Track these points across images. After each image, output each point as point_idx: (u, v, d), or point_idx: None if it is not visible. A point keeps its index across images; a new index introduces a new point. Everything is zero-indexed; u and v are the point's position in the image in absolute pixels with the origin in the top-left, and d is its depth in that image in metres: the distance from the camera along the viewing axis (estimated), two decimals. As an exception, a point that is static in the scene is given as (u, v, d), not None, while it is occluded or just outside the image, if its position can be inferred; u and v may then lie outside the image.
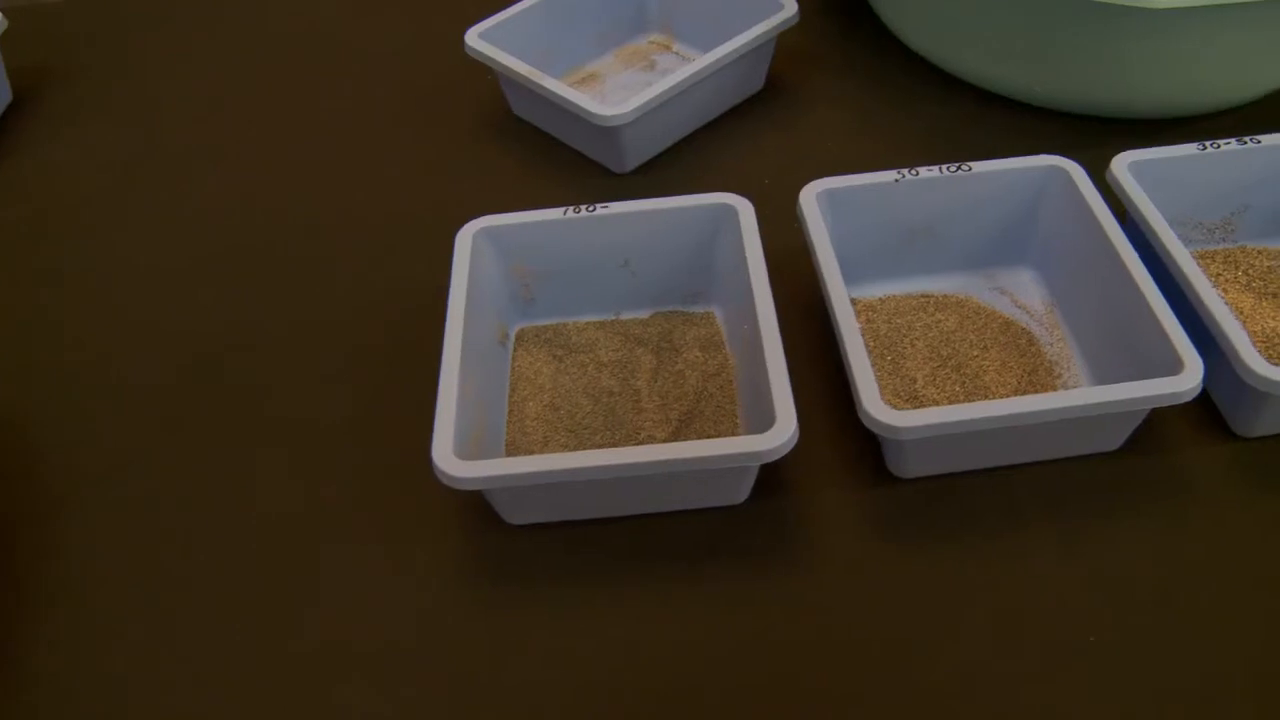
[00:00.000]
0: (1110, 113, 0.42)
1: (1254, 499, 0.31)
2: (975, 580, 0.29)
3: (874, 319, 0.35)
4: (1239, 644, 0.27)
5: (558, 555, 0.30)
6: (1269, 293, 0.36)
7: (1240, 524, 0.30)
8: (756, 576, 0.29)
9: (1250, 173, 0.36)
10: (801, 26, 0.48)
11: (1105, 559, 0.29)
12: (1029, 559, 0.29)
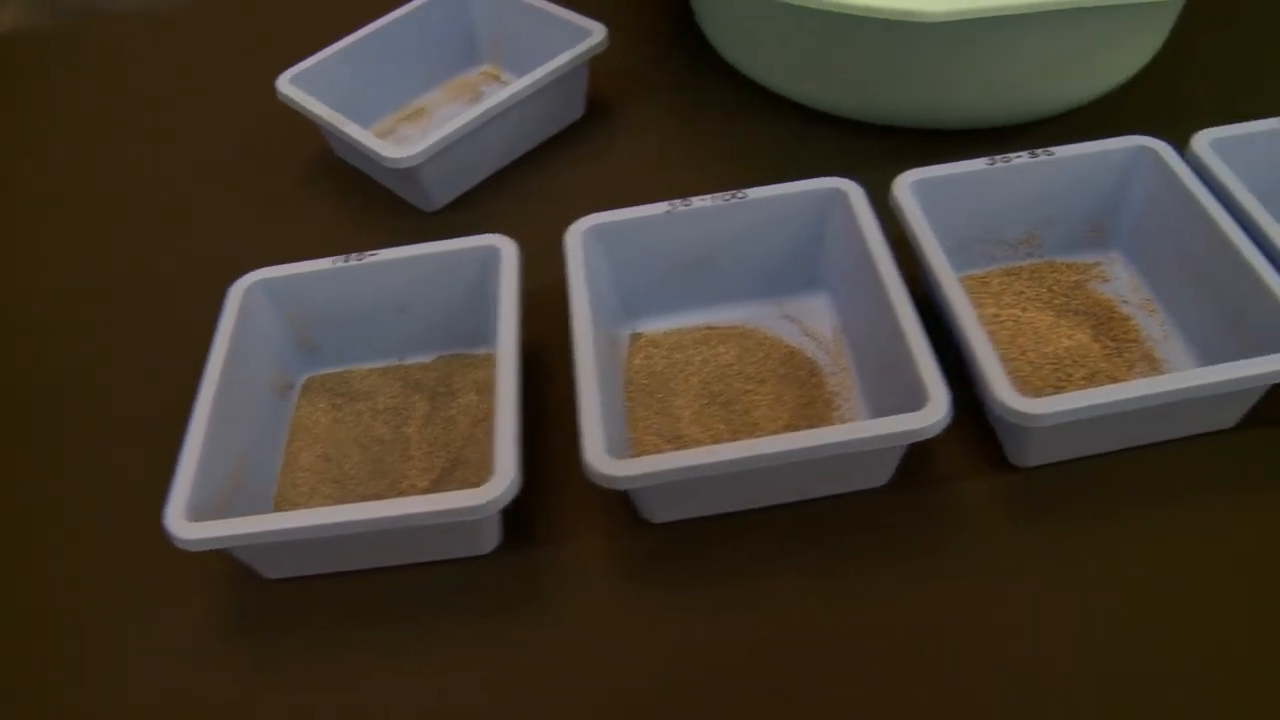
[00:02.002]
0: (929, 125, 0.42)
1: (1025, 530, 0.30)
2: (734, 625, 0.29)
3: (653, 355, 0.35)
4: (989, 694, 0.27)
5: (316, 608, 0.31)
6: (1070, 309, 0.35)
7: (1011, 555, 0.30)
8: (499, 629, 0.30)
9: (1047, 186, 0.35)
10: (629, 48, 0.48)
11: (869, 598, 0.29)
12: (785, 604, 0.29)
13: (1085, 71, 0.40)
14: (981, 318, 0.35)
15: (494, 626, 0.30)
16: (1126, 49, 0.40)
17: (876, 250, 0.32)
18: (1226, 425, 0.32)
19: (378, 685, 0.29)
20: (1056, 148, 0.35)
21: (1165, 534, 0.30)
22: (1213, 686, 0.27)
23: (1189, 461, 0.32)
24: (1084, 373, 0.33)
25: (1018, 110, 0.41)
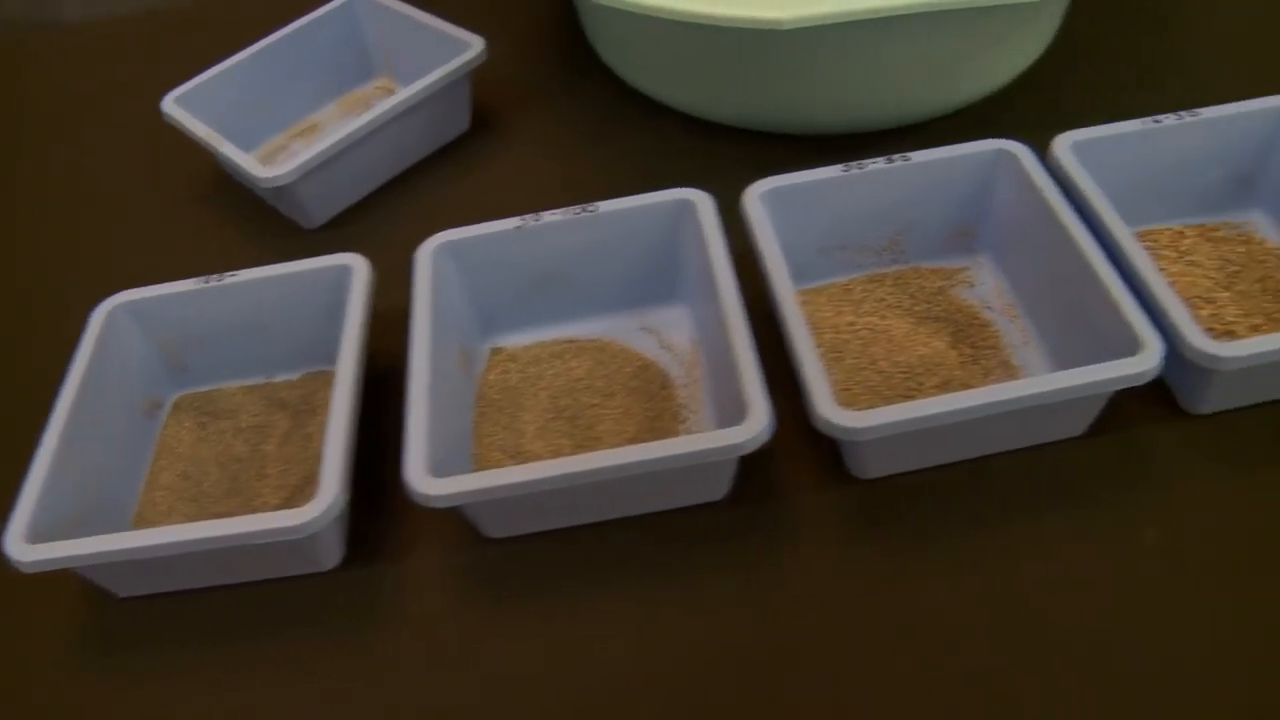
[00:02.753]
0: (809, 131, 0.42)
1: (862, 542, 0.30)
2: (570, 639, 0.29)
3: (509, 369, 0.35)
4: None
5: (165, 626, 0.32)
6: (931, 316, 0.35)
7: (848, 567, 0.30)
8: (338, 644, 0.30)
9: (906, 192, 0.35)
10: (518, 59, 0.49)
11: (706, 613, 0.29)
12: (622, 618, 0.30)
13: (965, 73, 0.40)
14: (837, 326, 0.35)
15: (333, 641, 0.31)
16: (1003, 51, 0.40)
17: (718, 262, 0.33)
18: (1075, 433, 0.32)
19: (221, 702, 0.30)
20: (914, 153, 0.35)
21: (1007, 545, 0.30)
22: (1062, 695, 0.27)
23: (1036, 471, 0.32)
24: (936, 381, 0.33)
25: (902, 113, 0.41)
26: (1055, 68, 0.45)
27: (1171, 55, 0.46)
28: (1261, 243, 0.37)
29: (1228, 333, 0.34)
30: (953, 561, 0.30)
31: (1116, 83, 0.45)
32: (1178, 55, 0.46)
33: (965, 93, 0.41)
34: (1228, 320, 0.35)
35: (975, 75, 0.40)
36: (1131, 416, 0.33)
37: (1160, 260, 0.36)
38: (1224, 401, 0.33)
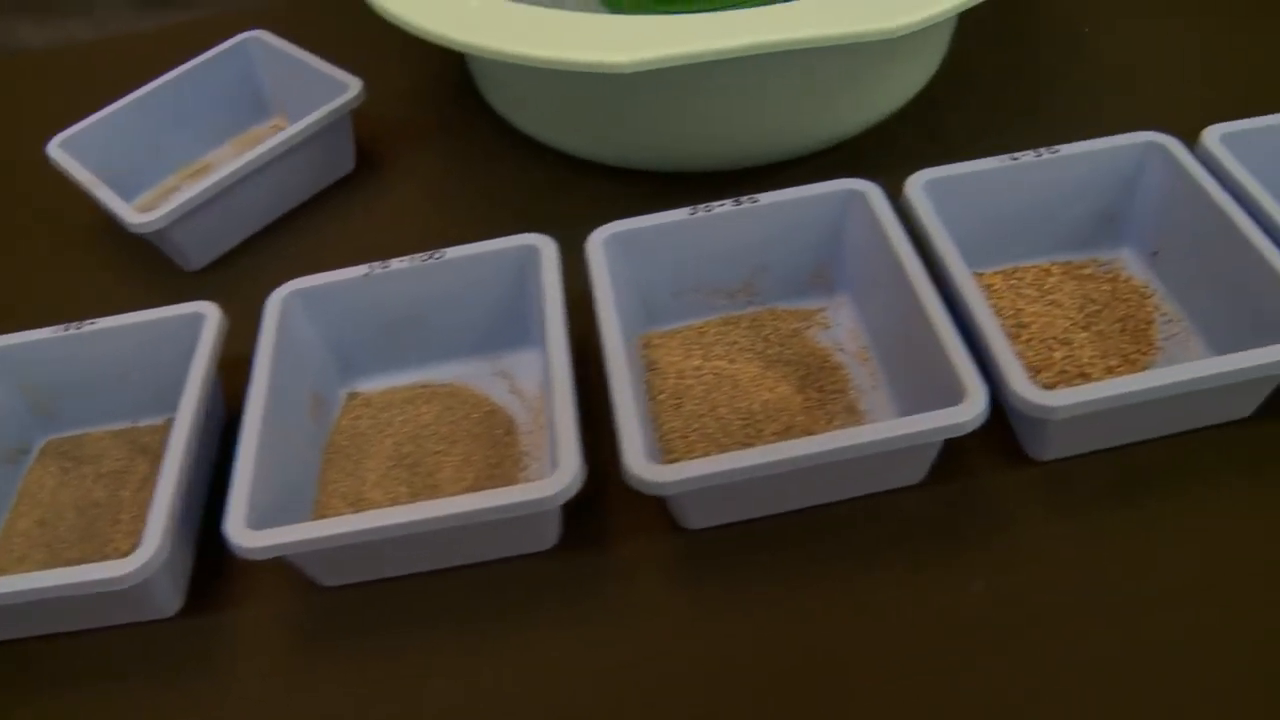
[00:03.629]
0: (685, 169, 0.42)
1: (686, 591, 0.30)
2: (390, 689, 0.30)
3: (362, 415, 0.36)
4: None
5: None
6: (782, 359, 0.35)
7: (673, 617, 0.30)
8: (176, 695, 0.31)
9: (757, 233, 0.36)
10: (405, 98, 0.50)
11: (531, 665, 0.30)
12: (448, 669, 0.30)
13: (836, 108, 0.40)
14: (683, 370, 0.35)
15: (166, 692, 0.31)
16: (876, 84, 0.40)
17: (550, 308, 0.33)
18: (913, 481, 0.32)
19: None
20: (763, 195, 0.36)
21: (833, 595, 0.30)
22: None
23: (872, 519, 0.32)
24: (777, 428, 0.33)
25: (780, 147, 0.41)
26: (946, 96, 0.45)
27: (1063, 86, 0.46)
28: (1128, 280, 0.37)
29: (1081, 375, 0.34)
30: (781, 611, 0.30)
31: (1006, 114, 0.45)
32: (1069, 86, 0.46)
33: (847, 125, 0.41)
34: (1083, 362, 0.35)
35: (849, 109, 0.41)
36: (976, 463, 0.33)
37: (1021, 300, 0.36)
38: (1066, 448, 0.32)
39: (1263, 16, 0.49)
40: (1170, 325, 0.36)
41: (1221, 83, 0.46)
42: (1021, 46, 0.49)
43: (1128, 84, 0.46)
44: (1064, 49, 0.49)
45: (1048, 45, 0.49)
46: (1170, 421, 0.33)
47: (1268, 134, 0.37)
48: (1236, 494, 0.32)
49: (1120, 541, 0.31)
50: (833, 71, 0.38)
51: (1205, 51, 0.48)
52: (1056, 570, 0.30)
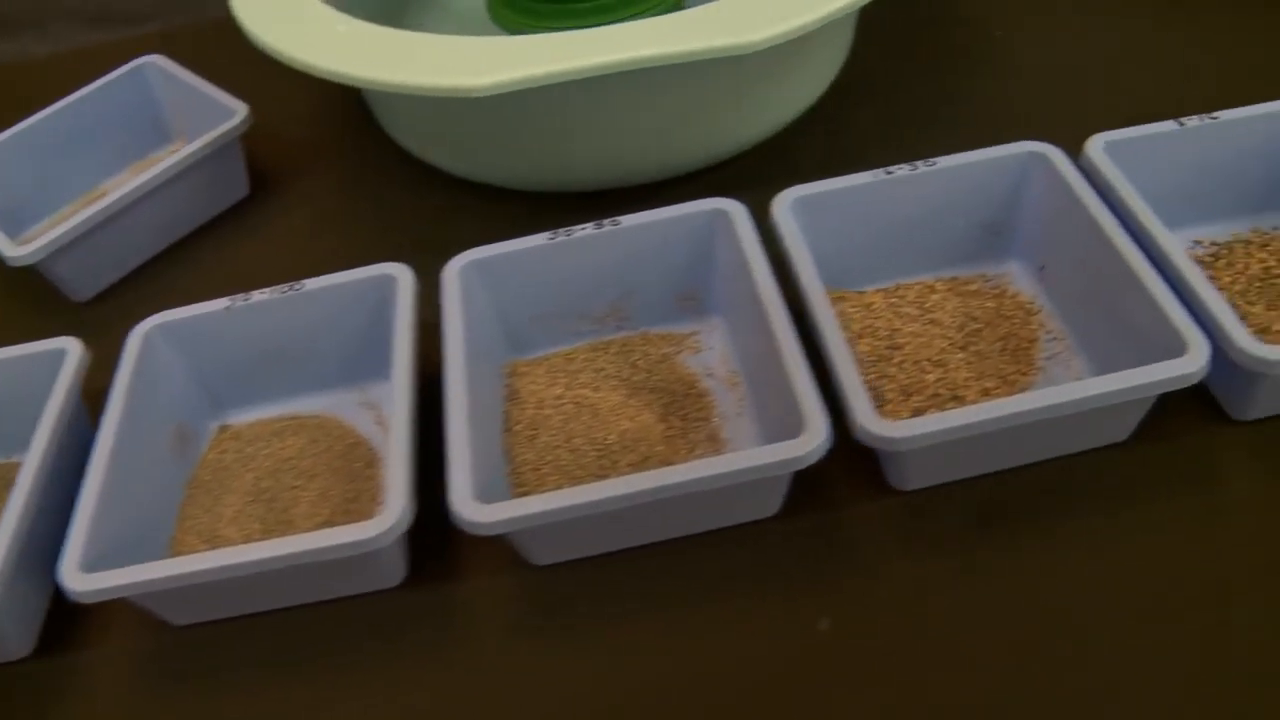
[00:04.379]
0: (585, 188, 0.42)
1: (533, 631, 0.30)
2: None
3: (229, 449, 0.36)
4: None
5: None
6: (648, 386, 0.35)
7: (518, 656, 0.30)
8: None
9: (622, 256, 0.35)
10: (303, 122, 0.49)
11: (374, 703, 0.30)
12: (293, 712, 0.30)
13: (729, 122, 0.40)
14: (543, 400, 0.35)
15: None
16: (756, 98, 0.40)
17: (400, 339, 0.33)
18: (768, 514, 0.31)
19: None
20: (625, 217, 0.35)
21: (682, 628, 0.30)
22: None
23: (722, 552, 0.31)
24: (634, 459, 0.33)
25: (670, 163, 0.41)
26: (848, 106, 0.44)
27: (970, 94, 0.45)
28: (1014, 296, 0.36)
29: (955, 399, 0.33)
30: (622, 650, 0.30)
31: (911, 124, 0.44)
32: (977, 94, 0.45)
33: (734, 140, 0.41)
34: (957, 385, 0.34)
35: (732, 125, 0.40)
36: (839, 494, 0.32)
37: (899, 319, 0.36)
38: (929, 478, 0.31)
39: (1182, 20, 0.48)
40: (1054, 344, 0.35)
41: (1138, 88, 0.44)
42: (929, 53, 0.48)
43: (1037, 90, 0.45)
44: (974, 55, 0.48)
45: (957, 51, 0.48)
46: (1042, 447, 0.32)
47: (1155, 142, 0.36)
48: (1111, 523, 0.31)
49: (984, 576, 0.30)
50: (706, 87, 0.38)
51: (1122, 55, 0.46)
52: (910, 608, 0.29)
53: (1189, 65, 0.45)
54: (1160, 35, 0.47)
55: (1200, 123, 0.36)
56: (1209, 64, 0.45)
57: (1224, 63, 0.45)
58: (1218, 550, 0.30)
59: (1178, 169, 0.37)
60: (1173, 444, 0.32)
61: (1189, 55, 0.46)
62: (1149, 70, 0.45)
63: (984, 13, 0.49)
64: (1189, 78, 0.45)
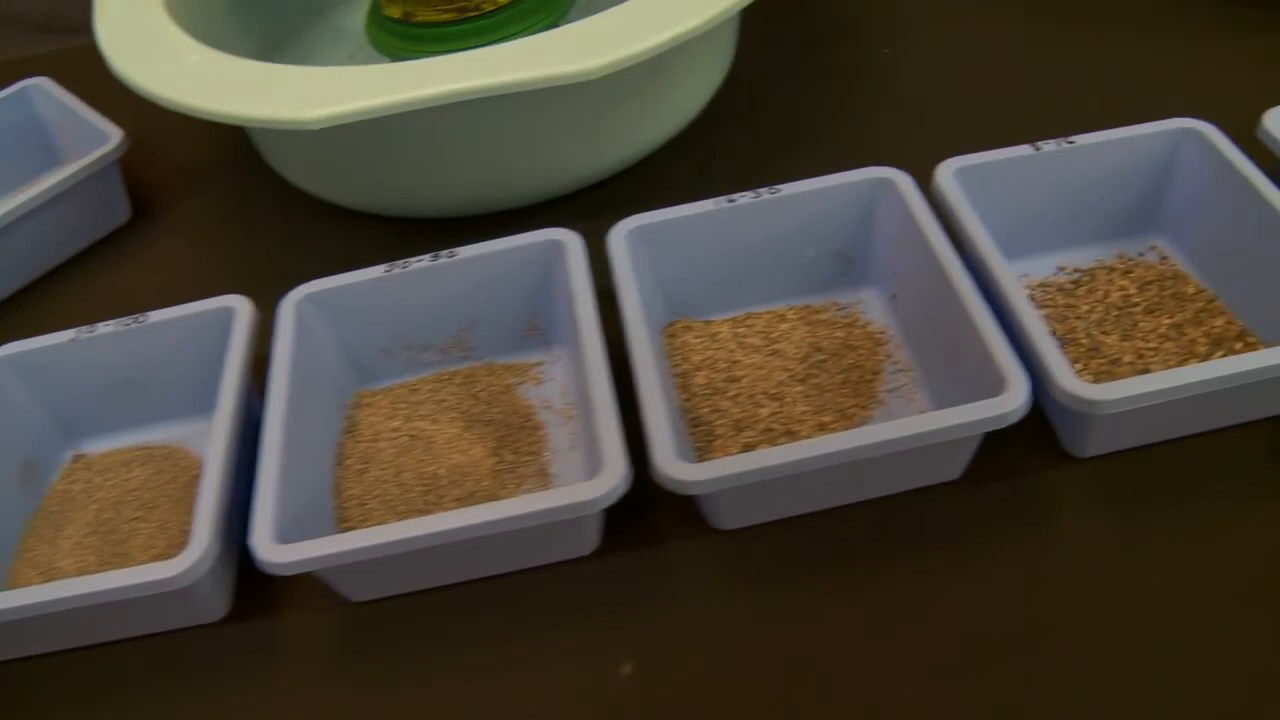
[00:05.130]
0: (452, 213, 0.42)
1: (348, 667, 0.30)
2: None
3: (78, 479, 0.37)
4: None
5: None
6: (486, 418, 0.35)
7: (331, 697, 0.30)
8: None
9: (463, 287, 0.36)
10: (192, 146, 0.50)
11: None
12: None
13: (586, 146, 0.40)
14: (379, 433, 0.35)
15: None
16: (616, 123, 0.40)
17: (230, 373, 0.33)
18: (583, 552, 0.32)
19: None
20: (463, 249, 0.35)
21: (489, 665, 0.30)
22: None
23: (539, 592, 0.31)
24: (460, 494, 0.33)
25: (542, 187, 0.41)
26: (725, 125, 0.44)
27: (854, 112, 0.45)
28: (865, 326, 0.36)
29: (788, 434, 0.33)
30: (429, 690, 0.30)
31: (790, 144, 0.44)
32: (862, 112, 0.45)
33: (598, 163, 0.41)
34: (792, 419, 0.33)
35: (589, 149, 0.40)
36: (667, 530, 0.32)
37: (742, 350, 0.35)
38: (747, 518, 0.31)
39: (1082, 34, 0.47)
40: (899, 375, 0.35)
41: (1025, 107, 0.44)
42: (816, 71, 0.48)
43: (922, 111, 0.45)
44: (863, 73, 0.47)
45: (845, 69, 0.47)
46: (867, 486, 0.32)
47: (1008, 167, 0.35)
48: (934, 561, 0.30)
49: (797, 622, 0.30)
50: (555, 115, 0.38)
51: (1013, 73, 0.46)
52: (716, 651, 0.29)
53: (1082, 87, 0.45)
54: (1059, 51, 0.47)
55: (1057, 147, 0.36)
56: (1104, 86, 0.45)
57: (1121, 85, 0.45)
58: (1034, 591, 0.29)
59: (1038, 194, 0.37)
60: (1008, 482, 0.32)
61: (1085, 75, 0.45)
62: (1038, 90, 0.45)
63: (878, 28, 0.49)
64: (1077, 99, 0.44)
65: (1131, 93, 0.44)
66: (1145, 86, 0.44)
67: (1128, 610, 0.29)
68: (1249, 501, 0.31)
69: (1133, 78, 0.45)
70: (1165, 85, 0.44)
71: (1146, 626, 0.28)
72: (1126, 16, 0.48)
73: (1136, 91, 0.44)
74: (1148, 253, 0.37)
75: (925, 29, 0.49)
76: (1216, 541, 0.30)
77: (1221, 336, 0.34)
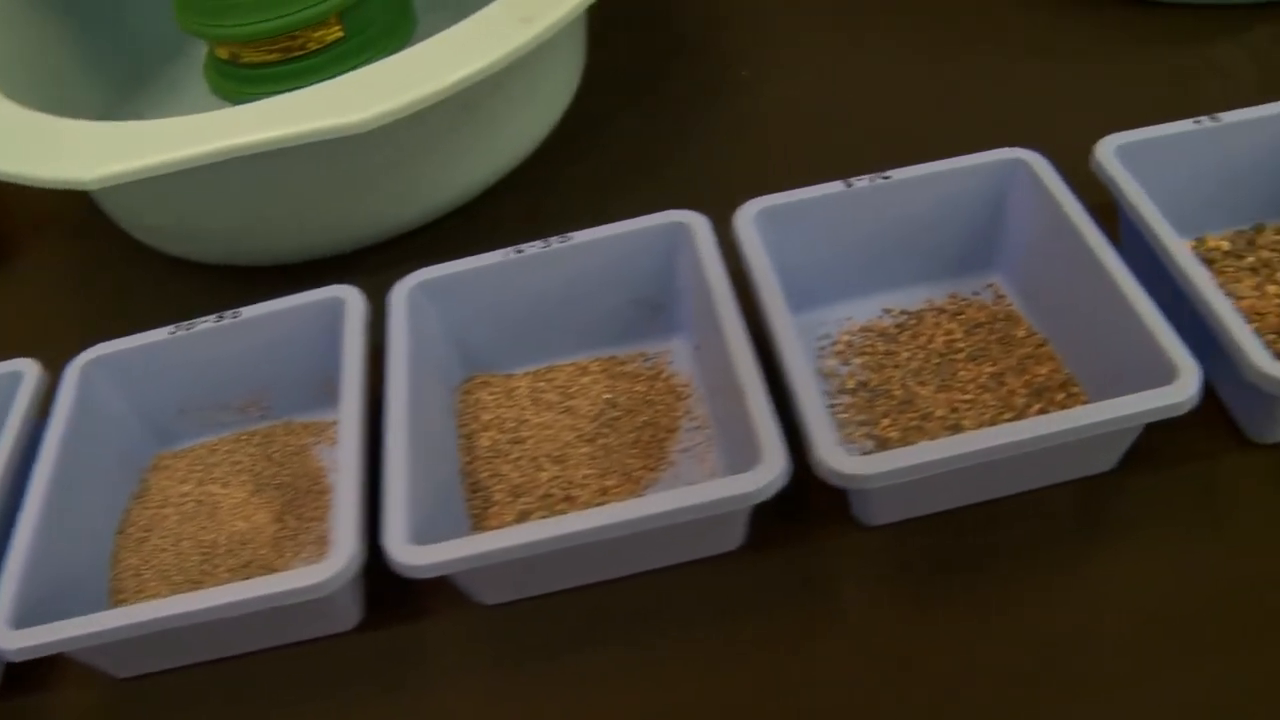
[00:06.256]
0: (289, 260, 0.41)
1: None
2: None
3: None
4: None
5: None
6: (276, 482, 0.35)
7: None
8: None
9: (250, 347, 0.35)
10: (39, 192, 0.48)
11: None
12: None
13: (403, 190, 0.39)
14: (168, 498, 0.35)
15: None
16: (427, 166, 0.39)
17: (4, 438, 0.33)
18: (347, 627, 0.31)
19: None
20: (245, 308, 0.35)
21: None
22: None
23: (305, 663, 0.30)
24: (236, 563, 0.33)
25: (362, 232, 0.41)
26: (565, 159, 0.43)
27: (702, 143, 0.44)
28: (669, 379, 0.35)
29: (567, 499, 0.32)
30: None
31: (633, 177, 0.43)
32: (710, 143, 0.44)
33: (417, 207, 0.40)
34: (573, 484, 0.32)
35: (407, 193, 0.39)
36: (428, 605, 0.31)
37: (535, 407, 0.35)
38: (514, 593, 0.30)
39: (953, 54, 0.45)
40: (696, 433, 0.33)
41: (883, 133, 0.42)
42: (667, 96, 0.46)
43: (785, 136, 0.43)
44: (718, 97, 0.46)
45: (700, 93, 0.46)
46: (643, 557, 0.30)
47: (813, 208, 0.34)
48: (714, 638, 0.29)
49: (555, 699, 0.29)
50: (351, 163, 0.37)
51: (875, 96, 0.44)
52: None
53: (950, 109, 0.43)
54: (924, 72, 0.45)
55: (870, 184, 0.34)
56: (971, 110, 0.43)
57: (990, 108, 0.43)
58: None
59: (856, 232, 0.35)
60: (787, 551, 0.30)
61: (954, 98, 0.44)
62: (898, 115, 0.43)
63: (737, 48, 0.47)
64: (940, 124, 0.42)
65: (1001, 117, 0.42)
66: (1017, 110, 0.42)
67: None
68: (1047, 573, 0.29)
69: (1007, 101, 0.43)
70: (1034, 109, 0.42)
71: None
72: (1007, 33, 0.46)
73: (1007, 116, 0.42)
74: (983, 291, 0.36)
75: (787, 47, 0.47)
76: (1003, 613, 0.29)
77: (1043, 386, 0.33)
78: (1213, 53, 0.44)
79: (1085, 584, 0.30)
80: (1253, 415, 0.31)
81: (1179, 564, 0.30)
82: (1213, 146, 0.35)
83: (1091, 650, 0.28)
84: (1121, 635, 0.28)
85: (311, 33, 0.40)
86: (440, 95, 0.34)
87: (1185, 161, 0.35)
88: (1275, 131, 0.35)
